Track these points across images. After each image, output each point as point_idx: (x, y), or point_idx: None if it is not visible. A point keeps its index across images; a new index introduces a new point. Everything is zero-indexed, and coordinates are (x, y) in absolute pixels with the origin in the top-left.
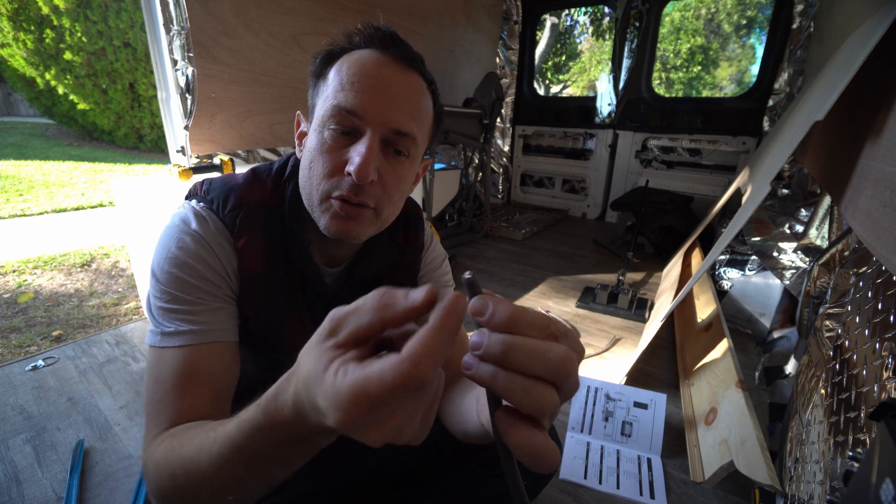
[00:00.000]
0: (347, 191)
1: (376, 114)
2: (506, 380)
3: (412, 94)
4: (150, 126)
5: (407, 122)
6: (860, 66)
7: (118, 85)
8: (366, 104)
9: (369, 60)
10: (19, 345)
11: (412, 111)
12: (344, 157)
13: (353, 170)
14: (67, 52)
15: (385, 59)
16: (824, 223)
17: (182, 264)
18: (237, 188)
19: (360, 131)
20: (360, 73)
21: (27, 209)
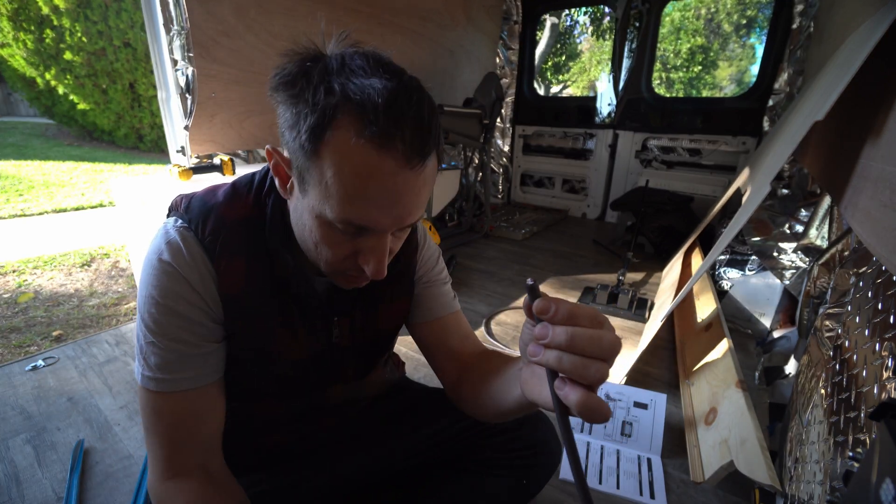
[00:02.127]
0: (361, 277)
1: (390, 224)
2: (570, 361)
3: (425, 188)
4: (150, 126)
5: (418, 215)
6: (860, 66)
7: (118, 85)
8: (380, 221)
9: (380, 167)
10: (19, 345)
11: (424, 202)
12: (353, 247)
13: (369, 272)
14: (67, 52)
15: (397, 161)
16: (824, 223)
17: (161, 308)
18: (217, 207)
19: (368, 231)
20: (371, 186)
21: (27, 209)
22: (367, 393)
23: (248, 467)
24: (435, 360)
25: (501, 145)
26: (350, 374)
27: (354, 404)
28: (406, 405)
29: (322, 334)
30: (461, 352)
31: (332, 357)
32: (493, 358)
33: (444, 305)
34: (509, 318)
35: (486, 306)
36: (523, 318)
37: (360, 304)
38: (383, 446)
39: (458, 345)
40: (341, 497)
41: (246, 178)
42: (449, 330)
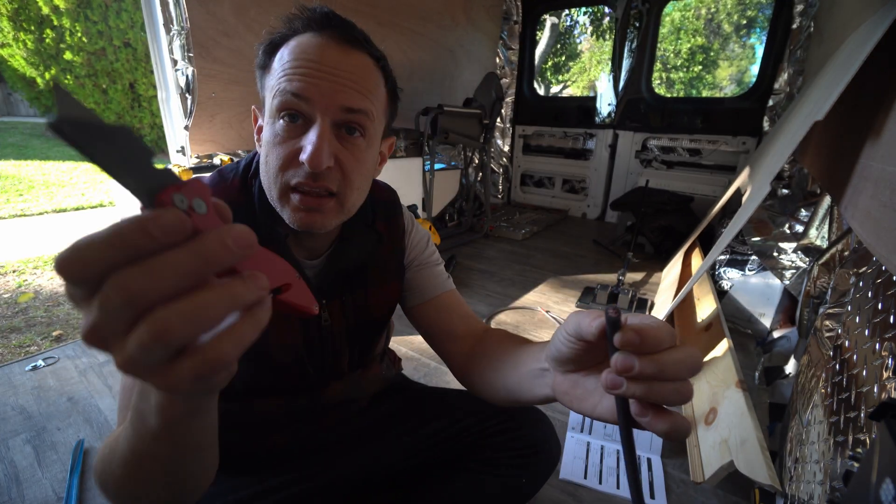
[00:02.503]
0: (305, 179)
1: (323, 96)
2: (658, 390)
3: (358, 71)
4: (150, 126)
5: (357, 99)
6: (860, 66)
7: (118, 85)
8: (310, 87)
9: (309, 44)
10: (19, 345)
11: (361, 88)
12: (297, 146)
13: (306, 158)
14: (67, 52)
15: (325, 40)
16: (824, 223)
17: None
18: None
19: (310, 118)
20: (301, 56)
21: (27, 209)
22: (366, 391)
23: (248, 468)
24: (438, 344)
25: (501, 145)
26: (345, 365)
27: (353, 403)
28: (405, 405)
29: (311, 318)
30: (464, 332)
31: (324, 343)
32: (502, 341)
33: (437, 285)
34: (509, 318)
35: (486, 306)
36: (524, 318)
37: (349, 287)
38: (383, 446)
39: (459, 325)
40: (341, 497)
41: (232, 164)
42: (447, 309)
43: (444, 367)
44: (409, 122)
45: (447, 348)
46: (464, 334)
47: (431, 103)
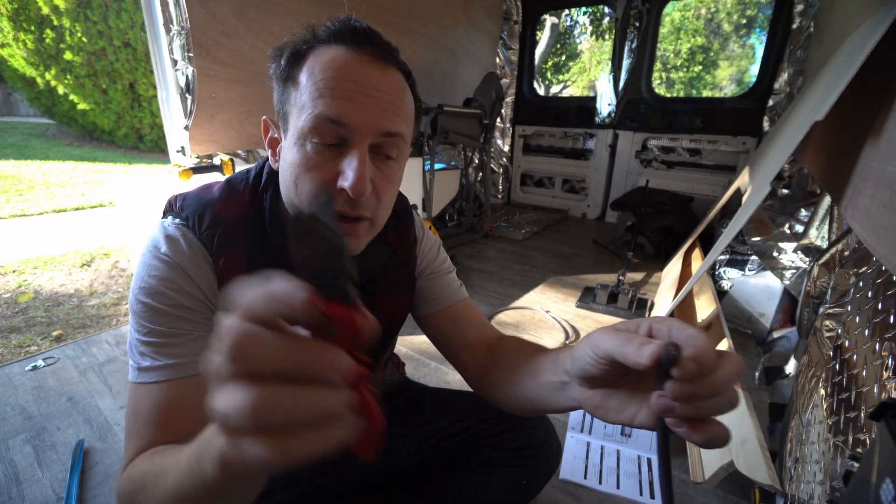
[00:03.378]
0: (342, 206)
1: (363, 121)
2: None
3: (396, 92)
4: (150, 126)
5: (395, 123)
6: (860, 66)
7: (118, 85)
8: (350, 112)
9: (346, 61)
10: (19, 345)
11: (398, 111)
12: (333, 171)
13: (348, 186)
14: (67, 52)
15: (363, 58)
16: (824, 223)
17: (155, 293)
18: (213, 203)
19: (346, 141)
20: (338, 76)
21: (27, 209)
22: None
23: None
24: (452, 354)
25: (501, 145)
26: None
27: None
28: (406, 405)
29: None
30: (478, 341)
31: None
32: (517, 350)
33: (451, 294)
34: (509, 318)
35: (486, 306)
36: (524, 318)
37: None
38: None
39: (473, 335)
40: (342, 497)
41: (241, 174)
42: (461, 319)
43: (445, 366)
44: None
45: (462, 359)
46: (478, 343)
47: (431, 103)
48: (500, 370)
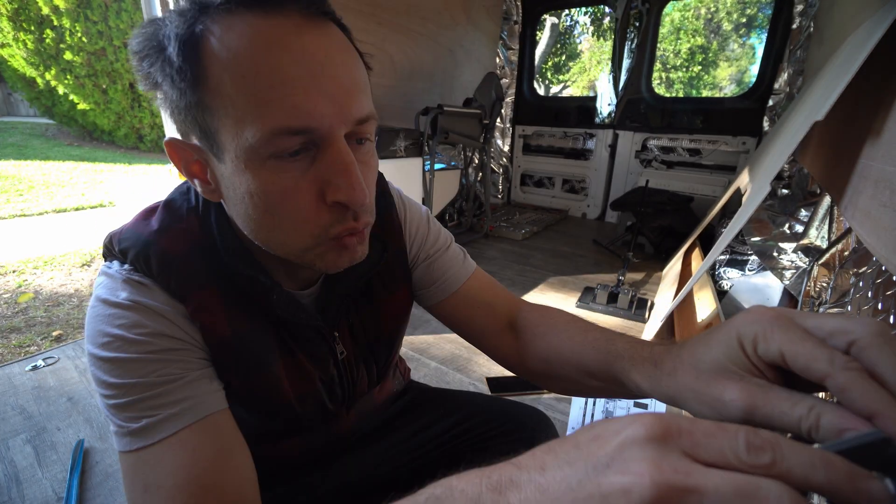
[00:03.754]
0: (349, 223)
1: (330, 115)
2: None
3: (351, 62)
4: (150, 126)
5: (365, 104)
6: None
7: (118, 85)
8: (313, 110)
9: (275, 36)
10: (19, 345)
11: (359, 84)
12: (315, 186)
13: (346, 199)
14: (67, 52)
15: (291, 21)
16: (824, 223)
17: (124, 343)
18: (153, 241)
19: (314, 143)
20: (275, 62)
21: (27, 209)
22: (378, 409)
23: None
24: (476, 341)
25: (501, 145)
26: (364, 387)
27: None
28: (407, 407)
29: (326, 357)
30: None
31: (342, 377)
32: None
33: (456, 274)
34: None
35: None
36: None
37: (355, 308)
38: (384, 448)
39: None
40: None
41: (180, 194)
42: (474, 300)
43: (445, 366)
44: (409, 122)
45: (489, 344)
46: (500, 325)
47: (431, 103)
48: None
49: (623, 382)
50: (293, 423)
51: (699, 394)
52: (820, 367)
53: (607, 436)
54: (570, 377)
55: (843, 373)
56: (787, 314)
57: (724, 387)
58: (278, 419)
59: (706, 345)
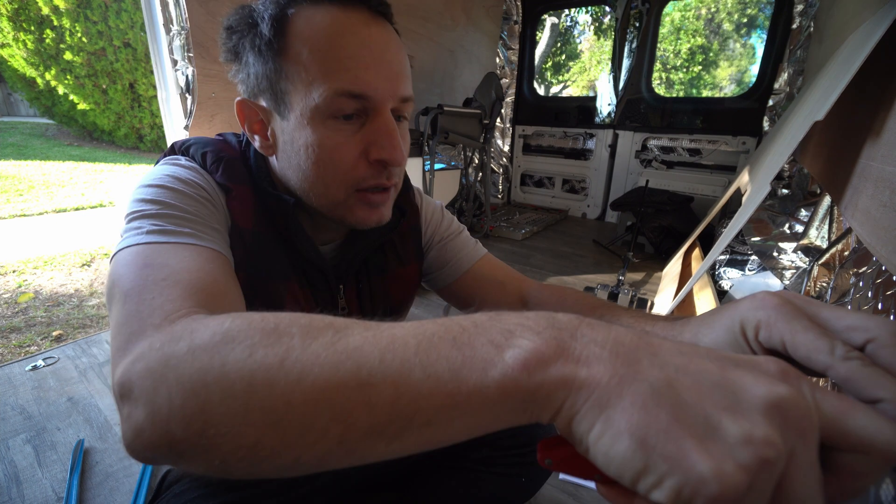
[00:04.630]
0: (382, 179)
1: (384, 89)
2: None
3: (401, 52)
4: (150, 126)
5: (408, 86)
6: (860, 66)
7: (118, 85)
8: (371, 81)
9: (348, 24)
10: (19, 345)
11: (407, 71)
12: (361, 144)
13: (388, 157)
14: (67, 53)
15: (362, 17)
16: (824, 223)
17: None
18: (213, 143)
19: (366, 111)
20: (346, 43)
21: (27, 209)
22: None
23: None
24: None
25: (501, 145)
26: None
27: None
28: None
29: (327, 303)
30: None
31: None
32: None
33: (467, 255)
34: None
35: None
36: None
37: (366, 272)
38: None
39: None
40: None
41: (230, 133)
42: (483, 279)
43: None
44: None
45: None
46: (509, 301)
47: (431, 103)
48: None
49: None
50: None
51: None
52: (821, 357)
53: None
54: None
55: (843, 363)
56: (794, 301)
57: None
58: None
59: (709, 326)
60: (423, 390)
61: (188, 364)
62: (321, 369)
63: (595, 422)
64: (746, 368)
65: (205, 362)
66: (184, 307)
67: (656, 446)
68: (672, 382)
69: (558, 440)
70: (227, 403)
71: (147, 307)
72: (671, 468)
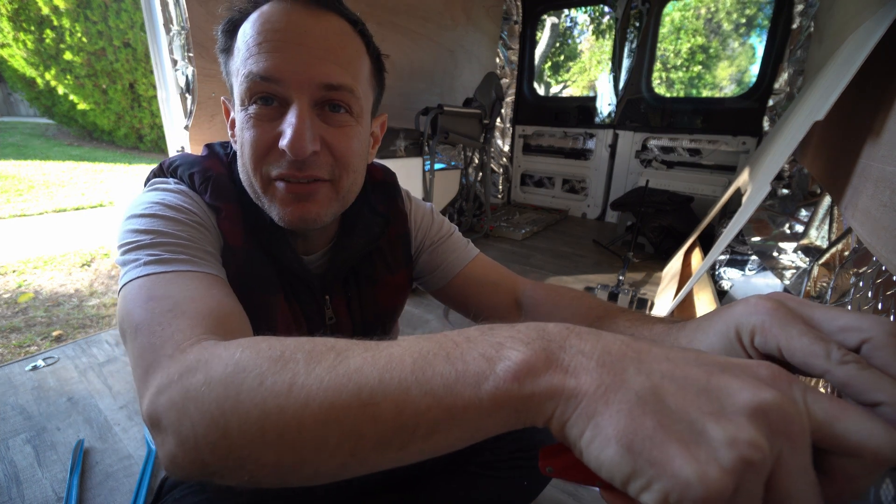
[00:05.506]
0: (288, 169)
1: (296, 73)
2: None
3: (334, 39)
4: (150, 126)
5: (336, 73)
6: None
7: (118, 85)
8: (280, 64)
9: (272, 13)
10: (19, 345)
11: (339, 59)
12: (275, 131)
13: (286, 144)
14: (67, 53)
15: (291, 6)
16: (824, 223)
17: (166, 208)
18: (200, 161)
19: (286, 99)
20: (264, 29)
21: (27, 209)
22: None
23: None
24: (480, 319)
25: (501, 145)
26: None
27: None
28: None
29: (315, 318)
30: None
31: None
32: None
33: (458, 258)
34: None
35: None
36: None
37: (355, 281)
38: None
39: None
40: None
41: (218, 143)
42: (475, 280)
43: None
44: (409, 122)
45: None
46: (502, 302)
47: (431, 103)
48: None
49: None
50: None
51: None
52: (818, 363)
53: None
54: None
55: (840, 367)
56: (788, 304)
57: None
58: None
59: (704, 331)
60: (422, 406)
61: (206, 396)
62: (325, 393)
63: (585, 428)
64: (734, 373)
65: (220, 393)
66: (193, 335)
67: (642, 452)
68: (657, 389)
69: (559, 448)
70: (245, 429)
71: (158, 339)
72: (657, 473)
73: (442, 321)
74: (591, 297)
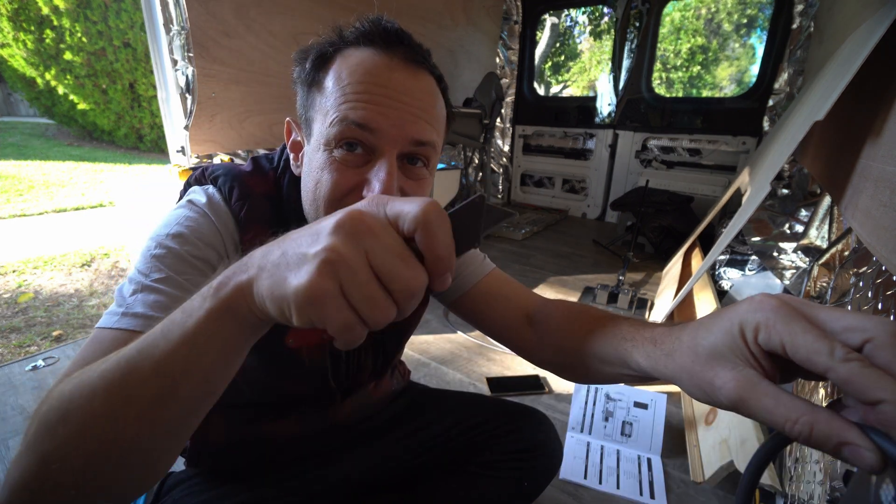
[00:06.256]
0: None
1: (392, 128)
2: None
3: (428, 98)
4: (150, 126)
5: (426, 131)
6: (860, 66)
7: (118, 85)
8: (378, 117)
9: (375, 64)
10: (19, 345)
11: (430, 118)
12: (357, 178)
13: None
14: (67, 53)
15: (393, 62)
16: (824, 223)
17: (185, 241)
18: (242, 176)
19: (374, 149)
20: (366, 80)
21: (27, 209)
22: (376, 408)
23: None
24: (493, 334)
25: (501, 145)
26: (366, 377)
27: (363, 423)
28: (407, 407)
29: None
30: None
31: (349, 359)
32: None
33: (473, 272)
34: None
35: None
36: None
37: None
38: (383, 448)
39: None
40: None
41: (265, 156)
42: (489, 295)
43: (445, 367)
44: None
45: (505, 336)
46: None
47: None
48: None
49: (628, 363)
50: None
51: (693, 376)
52: (821, 360)
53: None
54: (584, 365)
55: (843, 365)
56: (792, 303)
57: (716, 373)
58: (282, 364)
59: (707, 329)
60: (169, 350)
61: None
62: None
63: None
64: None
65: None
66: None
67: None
68: (284, 251)
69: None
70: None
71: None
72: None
73: (442, 321)
74: (595, 310)
